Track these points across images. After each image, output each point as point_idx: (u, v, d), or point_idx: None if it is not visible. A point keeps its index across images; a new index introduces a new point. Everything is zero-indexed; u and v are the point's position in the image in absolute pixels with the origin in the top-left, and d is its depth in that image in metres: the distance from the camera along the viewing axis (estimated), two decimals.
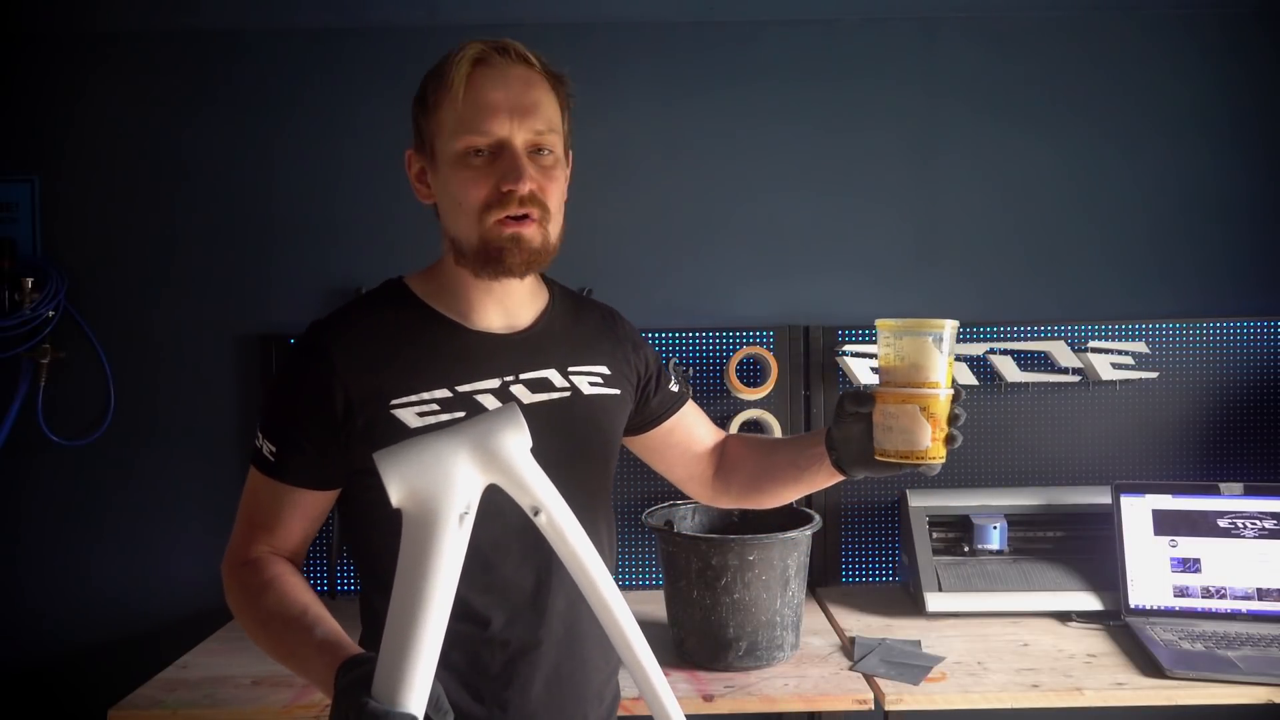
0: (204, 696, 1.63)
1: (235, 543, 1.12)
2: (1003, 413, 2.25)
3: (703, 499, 1.37)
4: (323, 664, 0.93)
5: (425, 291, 1.15)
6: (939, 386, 1.04)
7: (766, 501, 1.29)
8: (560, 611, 1.11)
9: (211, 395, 2.24)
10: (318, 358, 1.07)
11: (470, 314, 1.13)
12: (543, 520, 0.89)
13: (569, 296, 1.26)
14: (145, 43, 2.22)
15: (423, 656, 0.82)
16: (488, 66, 1.06)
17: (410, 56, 2.20)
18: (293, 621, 1.00)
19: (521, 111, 1.05)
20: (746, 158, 2.27)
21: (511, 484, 0.89)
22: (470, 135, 1.05)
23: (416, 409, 1.06)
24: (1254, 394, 2.25)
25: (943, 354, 1.04)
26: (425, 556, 0.84)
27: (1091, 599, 1.93)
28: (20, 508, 2.23)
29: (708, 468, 1.35)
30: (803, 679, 1.67)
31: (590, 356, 1.19)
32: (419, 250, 2.23)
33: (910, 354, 1.05)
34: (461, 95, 1.04)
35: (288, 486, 1.08)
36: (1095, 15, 2.26)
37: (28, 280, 2.13)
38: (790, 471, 1.22)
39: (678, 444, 1.34)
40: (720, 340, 2.24)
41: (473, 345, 1.12)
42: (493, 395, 1.09)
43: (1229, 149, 2.28)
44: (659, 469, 1.37)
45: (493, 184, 1.05)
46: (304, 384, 1.07)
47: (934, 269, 2.28)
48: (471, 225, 1.06)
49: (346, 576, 2.23)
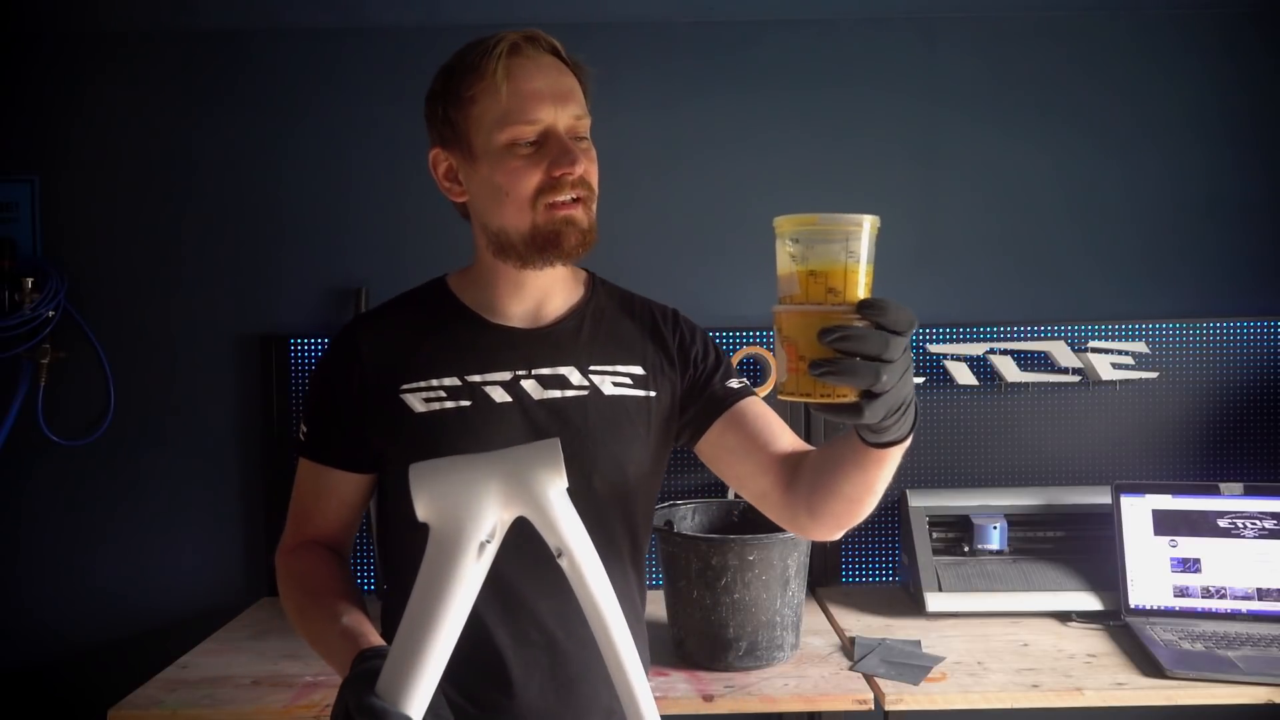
0: (204, 696, 1.63)
1: (286, 532, 1.18)
2: (1003, 413, 2.26)
3: (784, 522, 1.13)
4: (342, 650, 0.96)
5: (459, 287, 1.17)
6: (794, 300, 0.82)
7: (837, 507, 1.03)
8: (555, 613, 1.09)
9: (212, 396, 2.24)
10: (346, 345, 1.14)
11: (495, 306, 1.15)
12: (564, 563, 0.87)
13: (617, 295, 1.23)
14: (145, 42, 2.23)
15: (429, 665, 0.83)
16: (521, 56, 1.06)
17: (411, 56, 2.23)
18: (325, 608, 1.03)
19: (560, 98, 1.06)
20: (746, 157, 2.27)
21: (540, 520, 0.87)
22: (517, 125, 1.04)
23: (424, 394, 1.09)
24: (1254, 394, 2.25)
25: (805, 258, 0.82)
26: (443, 575, 0.84)
27: (1091, 599, 1.93)
28: (20, 508, 2.23)
29: (779, 479, 1.10)
30: (803, 679, 1.67)
31: (624, 357, 1.17)
32: (419, 250, 2.25)
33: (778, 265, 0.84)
34: (504, 87, 1.04)
35: (321, 467, 1.14)
36: (1095, 16, 2.26)
37: (28, 280, 2.13)
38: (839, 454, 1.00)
39: (736, 448, 1.15)
40: (720, 340, 2.23)
41: (490, 336, 1.13)
42: (502, 388, 1.10)
43: (1227, 149, 2.28)
44: (734, 485, 1.19)
45: (543, 171, 1.05)
46: (331, 368, 1.14)
47: (934, 268, 2.28)
48: (523, 214, 1.06)
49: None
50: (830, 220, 0.82)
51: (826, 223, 0.81)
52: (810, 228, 0.82)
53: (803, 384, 0.81)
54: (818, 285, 0.81)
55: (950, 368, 2.20)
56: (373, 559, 2.22)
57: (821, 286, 0.81)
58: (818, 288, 0.81)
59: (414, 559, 1.05)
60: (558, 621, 1.09)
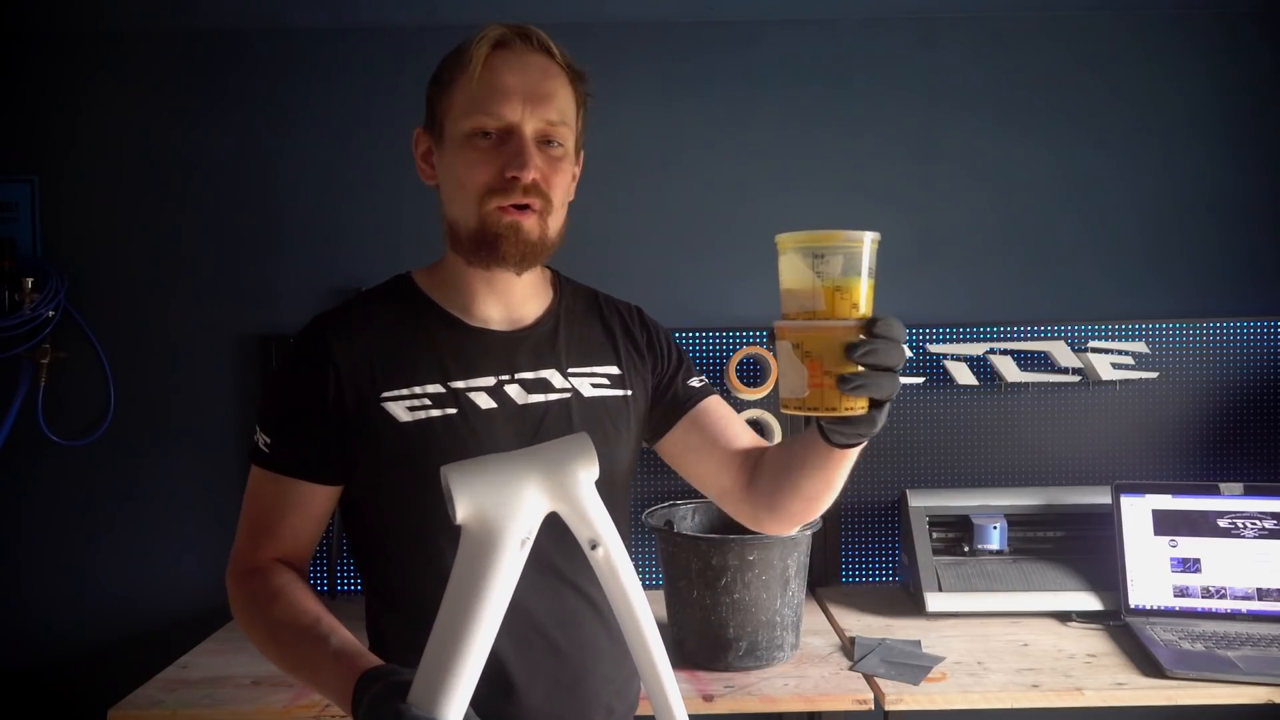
0: (204, 696, 1.63)
1: (239, 550, 1.08)
2: (1003, 413, 2.26)
3: (744, 518, 1.17)
4: (338, 674, 0.91)
5: (428, 285, 1.14)
6: (813, 317, 0.84)
7: (796, 505, 1.09)
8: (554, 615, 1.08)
9: (212, 395, 2.24)
10: (315, 346, 1.07)
11: (470, 308, 1.11)
12: (599, 555, 0.87)
13: (583, 295, 1.22)
14: (145, 42, 2.22)
15: (466, 671, 0.81)
16: (508, 50, 1.05)
17: (410, 56, 2.23)
18: (305, 632, 0.97)
19: (535, 99, 1.04)
20: (746, 157, 2.27)
21: (574, 514, 0.87)
22: (480, 116, 1.03)
23: (407, 403, 1.05)
24: (1254, 394, 2.25)
25: (833, 277, 0.84)
26: (482, 576, 0.83)
27: (1091, 599, 1.93)
28: (20, 508, 2.23)
29: (739, 477, 1.15)
30: (803, 679, 1.67)
31: (598, 357, 1.17)
32: (421, 250, 2.24)
33: (787, 278, 0.87)
34: (477, 76, 1.03)
35: (285, 479, 1.06)
36: (1095, 15, 2.26)
37: (28, 280, 2.13)
38: (799, 454, 1.06)
39: (699, 447, 1.18)
40: (720, 340, 2.24)
41: (470, 341, 1.10)
42: (486, 394, 1.08)
43: (1228, 149, 2.28)
44: (694, 483, 1.22)
45: (497, 168, 1.03)
46: (300, 371, 1.07)
47: (934, 268, 2.28)
48: (470, 208, 1.05)
49: (347, 576, 2.23)
50: (853, 237, 0.86)
51: (850, 240, 0.84)
52: (835, 244, 0.84)
53: (828, 398, 0.83)
54: (844, 301, 0.84)
55: (950, 368, 2.20)
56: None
57: (847, 302, 0.84)
58: (844, 303, 0.84)
59: (414, 570, 1.04)
60: (556, 624, 1.08)
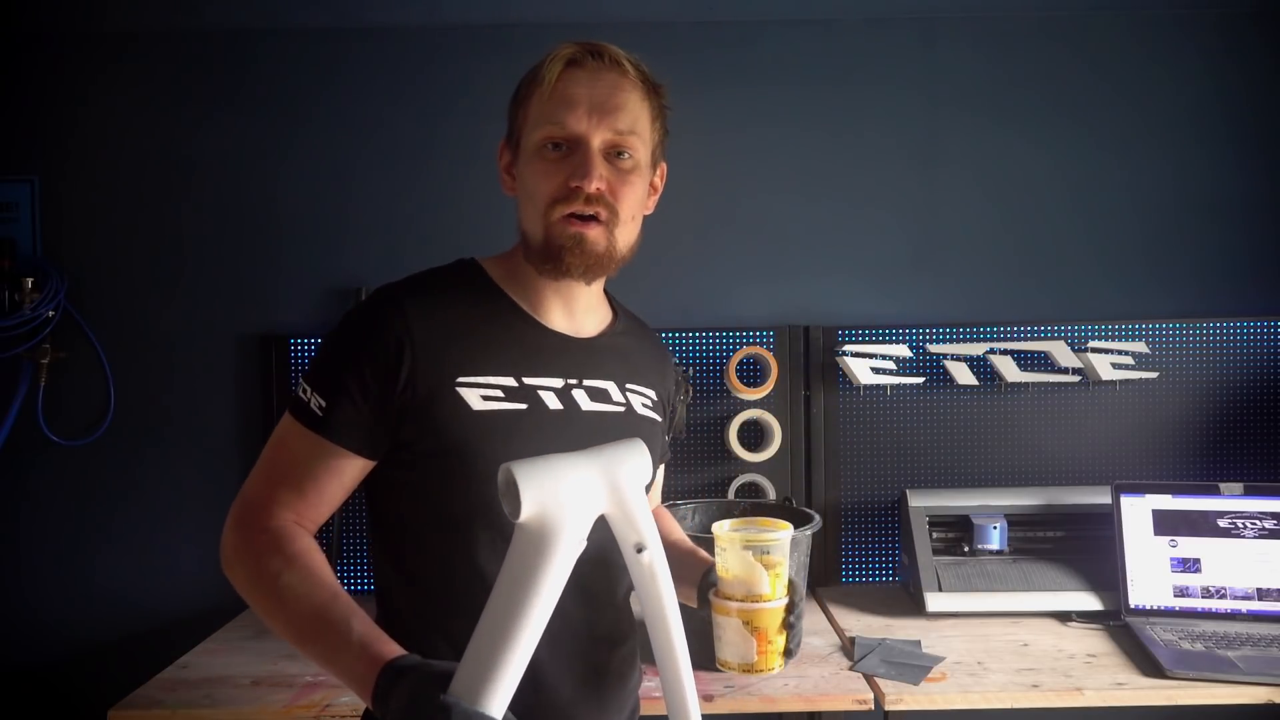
0: (204, 696, 1.63)
1: (254, 499, 1.02)
2: (1003, 413, 2.26)
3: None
4: (359, 661, 0.89)
5: (499, 275, 1.13)
6: (764, 600, 1.02)
7: None
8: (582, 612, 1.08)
9: (212, 395, 2.24)
10: (392, 318, 1.02)
11: (539, 309, 1.12)
12: (645, 558, 0.87)
13: (633, 319, 1.25)
14: (145, 43, 2.23)
15: (512, 668, 0.81)
16: (579, 68, 1.07)
17: (411, 57, 2.23)
18: (322, 609, 0.93)
19: (604, 110, 1.05)
20: (746, 157, 2.27)
21: (623, 517, 0.88)
22: (548, 126, 1.05)
23: (481, 391, 1.04)
24: (1254, 394, 2.25)
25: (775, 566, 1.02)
26: (537, 572, 0.83)
27: (1091, 599, 1.93)
28: (20, 508, 2.23)
29: None
30: (803, 679, 1.67)
31: (645, 379, 1.19)
32: (421, 249, 2.24)
33: (735, 568, 1.03)
34: (549, 90, 1.05)
35: (332, 446, 1.01)
36: (1095, 16, 2.26)
37: (28, 280, 2.14)
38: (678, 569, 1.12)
39: None
40: (720, 340, 2.24)
41: (542, 340, 1.11)
42: (554, 394, 1.08)
43: (1228, 149, 2.28)
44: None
45: (562, 178, 1.04)
46: (375, 335, 1.02)
47: (934, 268, 2.28)
48: (538, 219, 1.06)
49: (347, 576, 2.22)
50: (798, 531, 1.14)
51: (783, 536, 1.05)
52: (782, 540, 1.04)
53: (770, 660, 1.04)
54: (782, 583, 1.04)
55: (950, 368, 2.20)
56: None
57: (783, 583, 1.04)
58: (783, 586, 1.04)
59: (446, 553, 1.03)
60: (583, 620, 1.08)
